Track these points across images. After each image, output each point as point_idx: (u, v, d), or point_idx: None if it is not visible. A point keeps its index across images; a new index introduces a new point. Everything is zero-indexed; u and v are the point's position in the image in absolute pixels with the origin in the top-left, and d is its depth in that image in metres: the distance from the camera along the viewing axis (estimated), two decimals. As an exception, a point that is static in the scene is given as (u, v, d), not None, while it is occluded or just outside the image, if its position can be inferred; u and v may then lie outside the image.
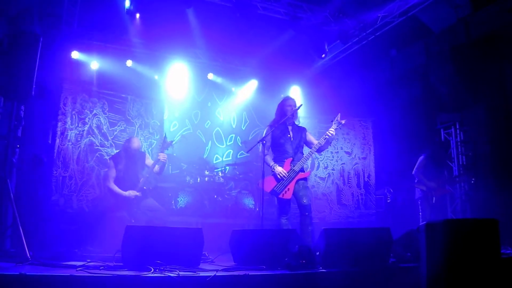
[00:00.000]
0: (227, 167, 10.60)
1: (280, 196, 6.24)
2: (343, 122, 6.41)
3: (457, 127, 9.49)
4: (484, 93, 8.90)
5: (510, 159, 8.51)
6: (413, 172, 8.31)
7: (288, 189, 6.22)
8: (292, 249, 4.77)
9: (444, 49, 9.33)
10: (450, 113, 9.57)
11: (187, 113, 11.68)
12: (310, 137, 6.71)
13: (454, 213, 9.23)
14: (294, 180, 6.26)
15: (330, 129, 6.28)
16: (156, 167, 6.98)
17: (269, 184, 6.29)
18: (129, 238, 4.60)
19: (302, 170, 6.39)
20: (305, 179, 6.40)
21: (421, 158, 8.31)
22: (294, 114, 6.62)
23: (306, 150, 6.63)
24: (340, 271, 4.62)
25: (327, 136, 6.26)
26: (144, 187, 6.86)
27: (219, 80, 11.65)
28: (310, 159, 6.90)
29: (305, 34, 9.79)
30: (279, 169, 6.29)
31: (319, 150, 6.53)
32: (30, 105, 6.44)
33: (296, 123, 6.75)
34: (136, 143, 7.30)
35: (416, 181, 8.27)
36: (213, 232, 6.89)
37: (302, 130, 6.71)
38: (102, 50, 9.51)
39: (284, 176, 6.25)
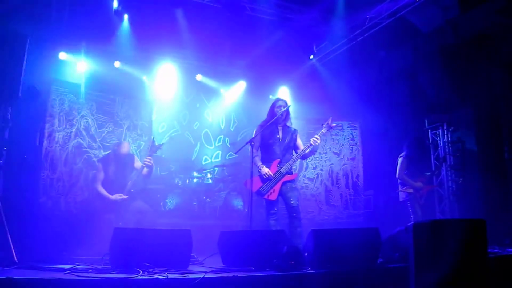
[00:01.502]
0: (216, 168, 10.59)
1: (265, 197, 6.27)
2: (333, 125, 6.44)
3: (445, 127, 9.53)
4: (472, 94, 8.95)
5: (497, 159, 8.58)
6: (396, 176, 8.22)
7: (274, 190, 6.24)
8: (281, 250, 4.77)
9: (432, 51, 9.38)
10: (438, 114, 9.62)
11: (176, 114, 11.64)
12: (299, 141, 6.74)
13: (442, 213, 9.27)
14: (280, 182, 6.29)
15: (316, 136, 6.29)
16: (145, 170, 6.96)
17: (255, 185, 6.32)
18: (117, 241, 4.59)
19: (289, 172, 6.40)
20: (292, 181, 6.42)
21: (400, 160, 8.22)
22: (286, 115, 6.62)
23: (294, 152, 6.66)
24: (329, 271, 4.62)
25: (311, 145, 6.28)
26: (132, 190, 6.84)
27: (207, 81, 11.63)
28: (298, 160, 6.91)
29: (294, 35, 9.81)
30: (265, 170, 6.31)
31: (303, 157, 6.59)
32: (17, 106, 6.38)
33: (288, 124, 6.75)
34: (125, 148, 7.30)
35: (399, 183, 8.19)
36: (202, 233, 6.88)
37: (293, 132, 6.72)
38: (90, 51, 9.45)
39: (269, 177, 6.27)
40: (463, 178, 9.07)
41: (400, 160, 8.17)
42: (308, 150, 6.38)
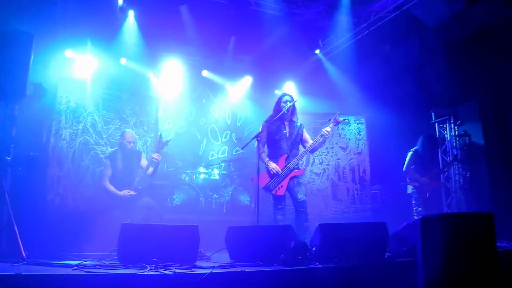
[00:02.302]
0: (223, 164, 10.60)
1: (273, 192, 6.27)
2: (341, 120, 6.44)
3: (452, 121, 9.49)
4: (479, 87, 8.90)
5: (504, 153, 8.54)
6: (403, 169, 8.26)
7: (282, 185, 6.24)
8: (288, 245, 4.77)
9: (438, 44, 9.34)
10: (445, 107, 9.58)
11: (182, 111, 11.66)
12: (306, 135, 6.72)
13: (449, 207, 9.25)
14: (288, 177, 6.28)
15: (327, 127, 6.29)
16: (150, 169, 6.98)
17: (263, 180, 6.31)
18: (124, 236, 4.60)
19: (296, 167, 6.40)
20: (299, 176, 6.42)
21: (409, 154, 8.25)
22: (292, 110, 6.61)
23: (302, 147, 6.64)
24: (336, 266, 4.62)
25: (322, 135, 6.27)
26: (139, 187, 6.85)
27: (213, 77, 11.63)
28: (305, 155, 6.91)
29: (299, 29, 9.79)
30: (272, 165, 6.31)
31: (313, 150, 6.57)
32: (24, 104, 6.40)
33: (294, 119, 6.74)
34: (129, 135, 7.29)
35: (408, 178, 8.21)
36: (209, 229, 6.88)
37: (299, 127, 6.70)
38: (96, 48, 9.46)
39: (277, 172, 6.26)
40: (470, 172, 9.03)
41: (409, 154, 8.21)
42: (318, 142, 6.36)
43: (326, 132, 6.28)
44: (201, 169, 9.97)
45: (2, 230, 5.55)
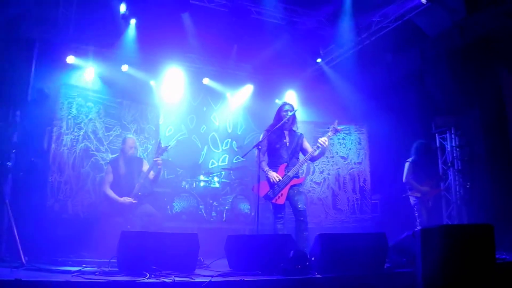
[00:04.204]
0: (223, 172, 10.60)
1: (273, 201, 6.25)
2: (339, 128, 6.43)
3: (452, 131, 9.47)
4: (480, 97, 8.89)
5: (505, 163, 8.51)
6: (403, 181, 8.27)
7: (282, 194, 6.23)
8: (288, 254, 4.77)
9: (439, 53, 9.33)
10: (446, 117, 9.56)
11: (183, 118, 11.69)
12: (306, 144, 6.71)
13: (449, 218, 9.22)
14: (288, 186, 6.26)
15: (323, 137, 6.28)
16: (151, 174, 6.97)
17: (263, 189, 6.30)
18: (124, 244, 4.60)
19: (296, 176, 6.39)
20: (299, 184, 6.41)
21: (407, 165, 8.27)
22: (292, 119, 6.61)
23: (302, 156, 6.64)
24: (335, 276, 4.62)
25: (319, 145, 6.27)
26: (139, 193, 6.84)
27: (214, 84, 11.65)
28: (305, 164, 6.89)
29: (300, 38, 9.81)
30: (273, 174, 6.29)
31: (312, 159, 6.56)
32: (26, 110, 6.42)
33: (294, 129, 6.74)
34: (130, 142, 7.30)
35: (408, 188, 8.23)
36: (209, 237, 6.89)
37: (299, 136, 6.70)
38: (97, 55, 9.49)
39: (277, 181, 6.26)
40: (471, 183, 9.01)
41: (406, 165, 8.23)
42: (317, 152, 6.37)
43: (321, 143, 6.27)
44: (202, 177, 9.97)
45: (2, 235, 5.56)
